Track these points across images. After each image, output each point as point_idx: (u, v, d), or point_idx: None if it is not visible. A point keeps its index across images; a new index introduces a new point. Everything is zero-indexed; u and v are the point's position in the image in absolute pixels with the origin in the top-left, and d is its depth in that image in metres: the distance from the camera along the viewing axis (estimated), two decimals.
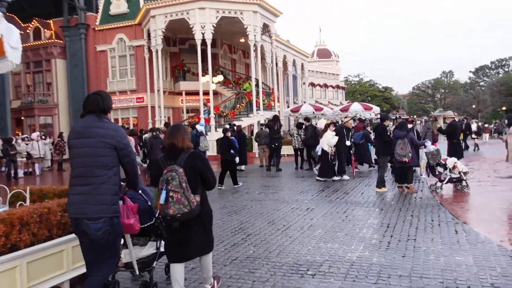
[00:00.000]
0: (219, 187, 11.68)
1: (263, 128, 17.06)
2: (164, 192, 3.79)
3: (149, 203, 4.10)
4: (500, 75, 78.20)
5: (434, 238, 5.97)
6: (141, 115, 27.12)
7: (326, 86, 54.06)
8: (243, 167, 16.26)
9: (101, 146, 3.46)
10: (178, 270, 4.02)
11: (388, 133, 10.58)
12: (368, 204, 8.65)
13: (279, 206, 8.80)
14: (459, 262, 4.93)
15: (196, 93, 24.43)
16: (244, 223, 7.38)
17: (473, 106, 67.11)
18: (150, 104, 26.09)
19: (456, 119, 16.37)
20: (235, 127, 16.09)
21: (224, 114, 23.57)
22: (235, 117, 23.44)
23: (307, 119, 16.97)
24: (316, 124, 18.36)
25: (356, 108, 25.13)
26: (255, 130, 21.78)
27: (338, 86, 56.87)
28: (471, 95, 71.65)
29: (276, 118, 15.80)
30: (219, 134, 18.09)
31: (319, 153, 12.08)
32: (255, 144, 19.53)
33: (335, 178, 12.16)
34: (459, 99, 72.82)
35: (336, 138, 11.97)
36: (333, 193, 10.20)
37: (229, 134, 12.48)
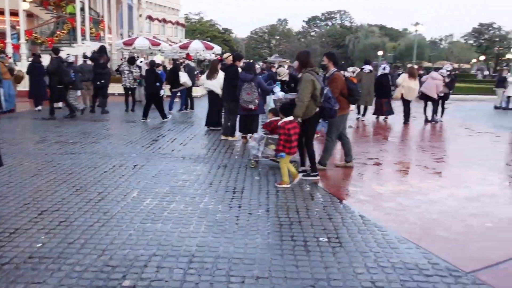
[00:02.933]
0: (143, 121, 11.40)
1: (87, 62, 14.17)
2: None
3: None
4: (328, 27, 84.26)
5: (290, 205, 4.84)
6: None
7: (165, 21, 50.47)
8: (60, 104, 13.38)
9: None
10: None
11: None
12: (210, 160, 7.24)
13: (97, 163, 6.80)
14: (326, 248, 3.83)
15: (2, 12, 19.52)
16: (40, 192, 5.26)
17: None
18: None
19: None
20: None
21: (40, 41, 19.41)
22: (54, 46, 19.50)
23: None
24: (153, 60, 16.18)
25: (197, 46, 23.32)
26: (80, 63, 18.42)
27: (178, 23, 53.73)
28: (304, 44, 75.77)
29: (102, 49, 13.15)
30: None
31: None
32: None
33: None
34: (293, 46, 76.39)
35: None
36: (168, 144, 8.55)
37: (161, 68, 12.09)
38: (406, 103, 12.38)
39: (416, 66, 17.23)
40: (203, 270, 3.34)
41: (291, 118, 5.73)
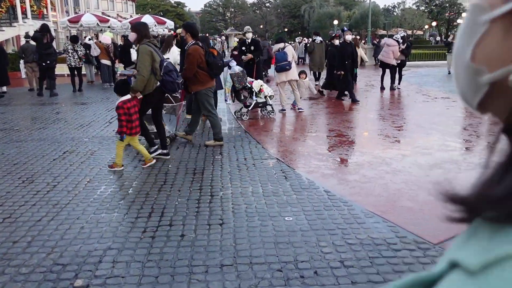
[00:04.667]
0: None
1: (30, 42, 13.26)
2: None
3: None
4: None
5: (254, 189, 4.65)
6: None
7: None
8: (4, 88, 12.61)
9: None
10: None
11: None
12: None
13: (46, 150, 6.35)
14: (291, 227, 3.69)
15: None
16: None
17: (261, 26, 70.37)
18: None
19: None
20: None
21: None
22: None
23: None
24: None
25: (148, 21, 22.26)
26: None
27: None
28: (260, 15, 74.81)
29: (44, 28, 12.24)
30: None
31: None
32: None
33: None
34: (248, 18, 75.22)
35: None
36: None
37: None
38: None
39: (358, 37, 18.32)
40: (163, 262, 3.12)
41: (128, 96, 5.31)
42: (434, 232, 3.48)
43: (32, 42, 12.91)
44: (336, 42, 11.55)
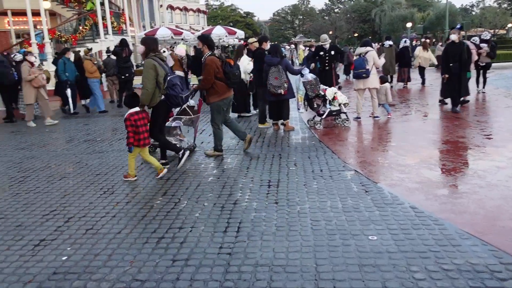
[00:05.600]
0: None
1: (110, 56, 13.97)
2: None
3: None
4: (353, 2, 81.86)
5: (333, 204, 4.40)
6: None
7: (186, 9, 50.18)
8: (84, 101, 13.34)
9: None
10: None
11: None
12: (241, 151, 6.87)
13: (125, 161, 6.51)
14: (376, 247, 3.40)
15: (25, 12, 19.57)
16: (67, 197, 5.01)
17: (330, 32, 69.54)
18: None
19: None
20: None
21: (63, 39, 19.37)
22: (78, 43, 19.46)
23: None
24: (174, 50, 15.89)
25: (219, 32, 22.82)
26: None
27: (199, 10, 53.34)
28: (329, 21, 73.98)
29: (123, 43, 12.87)
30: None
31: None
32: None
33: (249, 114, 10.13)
34: (317, 25, 74.66)
35: (251, 64, 9.49)
36: (197, 136, 8.21)
37: None
38: (421, 70, 15.24)
39: (428, 40, 18.87)
40: (240, 282, 2.98)
41: (136, 109, 5.42)
42: None
43: (113, 56, 13.59)
44: (453, 37, 9.45)
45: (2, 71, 10.84)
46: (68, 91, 11.73)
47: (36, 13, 18.60)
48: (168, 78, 5.64)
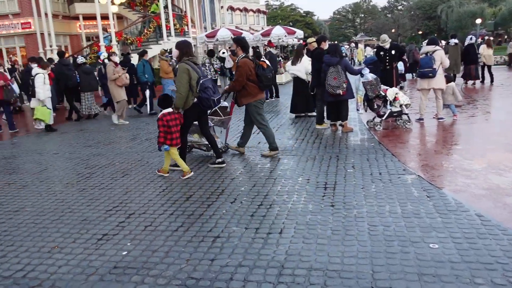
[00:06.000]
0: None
1: (172, 58, 14.41)
2: None
3: None
4: None
5: (392, 208, 4.25)
6: (30, 44, 22.85)
7: (246, 10, 50.71)
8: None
9: None
10: None
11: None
12: (297, 152, 6.82)
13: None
14: (437, 256, 3.23)
15: (94, 17, 20.68)
16: (128, 194, 5.22)
17: (393, 30, 67.42)
18: (39, 30, 21.84)
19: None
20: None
21: (129, 41, 20.25)
22: (143, 44, 20.25)
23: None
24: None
25: (279, 32, 22.81)
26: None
27: (259, 11, 53.70)
28: (391, 19, 71.78)
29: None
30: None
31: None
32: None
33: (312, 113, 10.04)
34: (379, 23, 72.70)
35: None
36: (254, 136, 8.26)
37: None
38: (488, 68, 15.22)
39: (492, 38, 19.49)
40: (294, 286, 2.94)
41: (169, 110, 5.67)
42: None
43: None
44: None
45: (67, 74, 11.62)
46: (147, 92, 12.27)
47: (104, 17, 19.61)
48: (201, 82, 5.77)
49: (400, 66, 13.70)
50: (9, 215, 4.72)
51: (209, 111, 6.55)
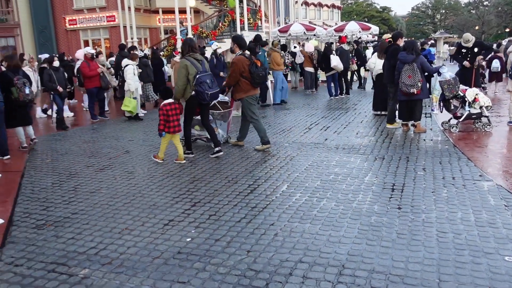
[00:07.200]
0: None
1: (245, 52, 14.59)
2: None
3: None
4: None
5: (464, 216, 4.01)
6: (114, 36, 24.23)
7: (320, 5, 50.04)
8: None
9: None
10: None
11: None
12: (365, 151, 6.65)
13: (250, 153, 6.76)
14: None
15: (172, 11, 21.48)
16: (195, 182, 5.38)
17: (476, 28, 63.39)
18: (123, 23, 23.07)
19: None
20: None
21: (204, 34, 20.78)
22: (217, 38, 20.69)
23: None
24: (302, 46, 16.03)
25: (353, 27, 22.27)
26: None
27: (333, 6, 52.77)
28: (475, 16, 67.49)
29: (257, 39, 13.27)
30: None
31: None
32: None
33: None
34: (462, 19, 68.68)
35: None
36: (321, 132, 8.16)
37: None
38: None
39: None
40: (354, 287, 2.88)
41: (170, 100, 6.27)
42: None
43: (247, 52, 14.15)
44: None
45: (148, 72, 12.12)
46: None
47: (182, 11, 20.27)
48: (197, 76, 6.19)
49: (496, 63, 12.85)
50: (86, 196, 5.06)
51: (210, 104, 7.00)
